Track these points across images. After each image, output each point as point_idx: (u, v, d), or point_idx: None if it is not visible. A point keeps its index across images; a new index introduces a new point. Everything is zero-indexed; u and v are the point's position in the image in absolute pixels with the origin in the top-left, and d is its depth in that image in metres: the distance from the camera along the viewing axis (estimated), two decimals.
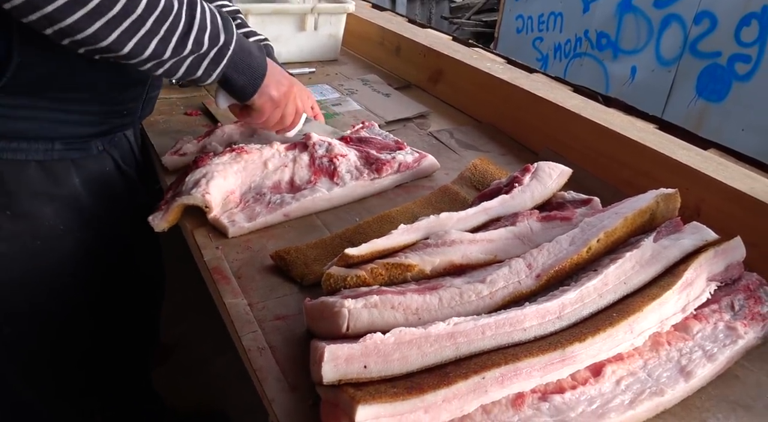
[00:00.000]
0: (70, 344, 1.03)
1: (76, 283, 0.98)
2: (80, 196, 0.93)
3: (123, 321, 1.12)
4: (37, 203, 0.89)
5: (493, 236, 0.78)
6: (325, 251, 0.83)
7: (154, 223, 0.89)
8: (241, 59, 0.87)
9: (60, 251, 0.94)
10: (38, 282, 0.93)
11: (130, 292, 1.10)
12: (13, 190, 0.86)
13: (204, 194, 0.88)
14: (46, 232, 0.91)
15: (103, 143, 0.96)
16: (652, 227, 0.81)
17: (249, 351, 0.67)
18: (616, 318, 0.64)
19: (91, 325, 1.04)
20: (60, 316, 0.99)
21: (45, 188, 0.89)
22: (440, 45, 1.52)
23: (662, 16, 3.81)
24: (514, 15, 5.05)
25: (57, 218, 0.91)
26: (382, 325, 0.63)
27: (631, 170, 1.03)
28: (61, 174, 0.90)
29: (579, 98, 1.22)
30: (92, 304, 1.02)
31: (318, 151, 1.02)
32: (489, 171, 1.02)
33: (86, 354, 1.06)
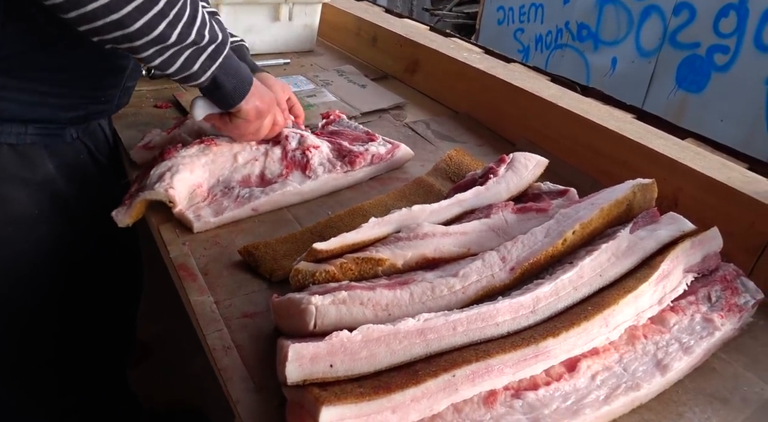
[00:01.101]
0: (40, 338, 1.00)
1: (49, 272, 0.96)
2: (55, 181, 0.91)
3: (97, 317, 1.09)
4: (11, 187, 0.87)
5: (467, 229, 0.76)
6: (295, 245, 0.80)
7: (118, 218, 0.86)
8: (231, 63, 0.85)
9: (33, 238, 0.91)
10: (9, 269, 0.91)
11: (105, 286, 1.07)
12: None
13: (167, 188, 0.85)
14: (19, 217, 0.89)
15: (77, 131, 0.94)
16: (629, 217, 0.80)
17: (214, 351, 0.65)
18: (591, 311, 0.62)
19: (63, 319, 1.01)
20: (29, 307, 0.96)
21: (18, 171, 0.87)
22: (417, 35, 1.50)
23: (642, 7, 3.82)
24: (495, 6, 5.03)
25: (31, 202, 0.89)
26: (350, 322, 0.60)
27: (608, 160, 1.02)
28: (35, 159, 0.88)
29: (556, 88, 1.20)
30: (65, 296, 0.99)
31: (291, 143, 0.99)
32: (464, 162, 1.00)
33: (58, 350, 1.03)
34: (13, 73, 0.80)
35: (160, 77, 1.42)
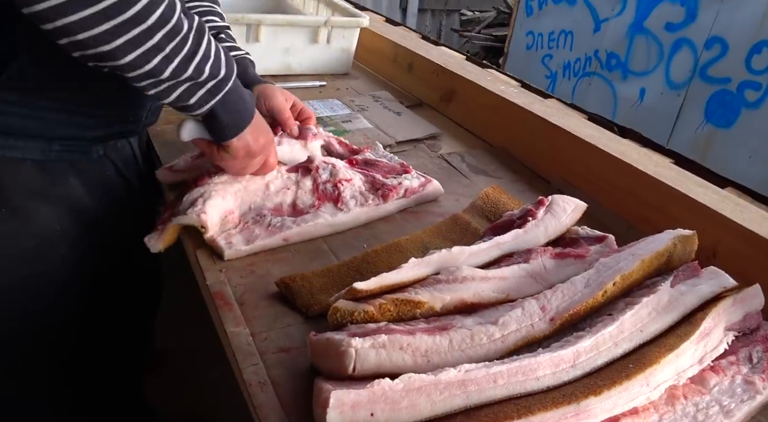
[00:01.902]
0: (61, 352, 1.01)
1: (71, 288, 0.96)
2: (79, 197, 0.92)
3: (118, 330, 1.09)
4: (34, 203, 0.87)
5: (506, 274, 0.75)
6: (331, 280, 0.80)
7: (150, 244, 0.87)
8: (233, 99, 0.84)
9: (56, 254, 0.92)
10: (32, 286, 0.91)
11: (125, 300, 1.08)
12: (8, 187, 0.84)
13: (200, 214, 0.85)
14: (42, 233, 0.89)
15: (104, 149, 0.95)
16: (668, 269, 0.79)
17: (250, 386, 0.65)
18: (633, 369, 0.62)
19: (84, 334, 1.01)
20: (51, 322, 0.96)
21: (42, 187, 0.87)
22: (454, 64, 1.50)
23: (673, 39, 3.81)
24: (525, 31, 5.04)
25: (54, 218, 0.90)
26: (389, 367, 0.60)
27: (645, 205, 1.01)
28: (58, 175, 0.89)
29: (593, 127, 1.20)
30: (86, 310, 1.00)
31: (322, 175, 0.99)
32: (501, 201, 1.00)
33: (78, 364, 1.03)
34: (40, 92, 0.81)
35: None
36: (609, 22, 4.22)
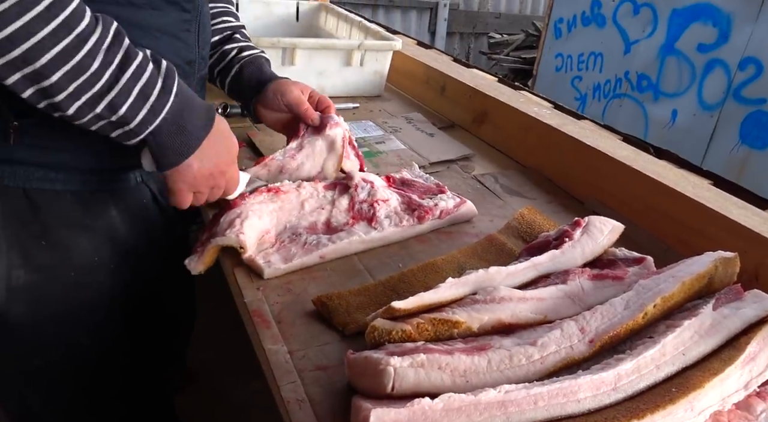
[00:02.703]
0: (101, 377, 1.02)
1: (110, 317, 0.97)
2: (117, 228, 0.93)
3: (153, 354, 1.10)
4: (73, 234, 0.88)
5: (544, 295, 0.75)
6: (368, 298, 0.81)
7: (191, 266, 0.88)
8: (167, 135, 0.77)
9: (94, 284, 0.93)
10: (71, 315, 0.92)
11: (161, 325, 1.09)
12: (48, 220, 0.85)
13: (238, 234, 0.87)
14: (81, 263, 0.90)
15: (141, 175, 0.96)
16: (709, 292, 0.78)
17: (288, 403, 0.65)
18: (676, 393, 0.60)
19: (122, 358, 1.02)
20: (92, 349, 0.97)
21: (81, 219, 0.88)
22: (486, 86, 1.51)
23: (706, 60, 3.77)
24: (554, 53, 5.04)
25: (92, 249, 0.90)
26: (428, 386, 0.60)
27: (683, 228, 0.99)
28: (97, 205, 0.90)
29: (628, 148, 1.19)
30: (124, 337, 1.01)
31: (360, 194, 1.00)
32: (536, 222, 0.99)
33: (115, 387, 1.04)
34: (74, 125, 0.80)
35: (233, 116, 1.47)
36: (639, 43, 4.20)
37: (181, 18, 0.88)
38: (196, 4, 0.90)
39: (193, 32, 0.92)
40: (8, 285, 0.85)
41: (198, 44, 0.94)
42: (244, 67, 1.14)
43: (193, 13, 0.90)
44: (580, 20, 4.75)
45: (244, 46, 1.16)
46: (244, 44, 1.16)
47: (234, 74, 1.15)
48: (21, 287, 0.86)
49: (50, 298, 0.90)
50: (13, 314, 0.87)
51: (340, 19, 1.94)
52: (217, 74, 1.18)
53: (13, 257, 0.84)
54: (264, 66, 1.15)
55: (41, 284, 0.88)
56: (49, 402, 0.99)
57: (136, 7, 0.81)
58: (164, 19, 0.85)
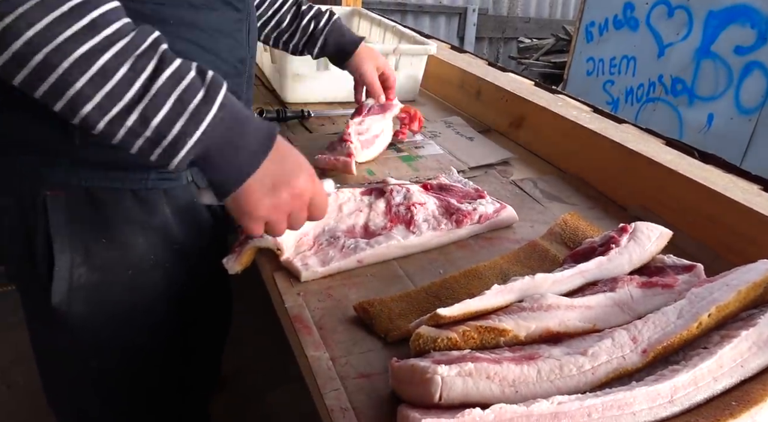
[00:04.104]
0: (155, 381, 1.02)
1: (163, 318, 0.97)
2: (170, 226, 0.93)
3: (196, 357, 1.10)
4: (132, 232, 0.89)
5: (592, 303, 0.73)
6: (410, 305, 0.79)
7: (228, 266, 0.88)
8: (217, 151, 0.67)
9: (150, 284, 0.93)
10: (128, 316, 0.93)
11: (205, 327, 1.09)
12: (109, 218, 0.86)
13: None
14: (138, 262, 0.91)
15: (192, 173, 0.96)
16: (764, 301, 0.75)
17: (332, 412, 0.64)
18: (737, 407, 0.58)
19: (168, 361, 1.03)
20: (147, 352, 0.97)
21: (139, 217, 0.89)
22: (523, 90, 1.49)
23: (744, 63, 3.68)
24: (585, 57, 4.98)
25: (149, 248, 0.91)
26: (476, 396, 0.59)
27: (732, 234, 0.96)
28: (153, 204, 0.90)
29: (673, 153, 1.16)
30: (173, 340, 1.01)
31: (395, 198, 1.00)
32: (580, 228, 0.97)
33: (159, 390, 1.04)
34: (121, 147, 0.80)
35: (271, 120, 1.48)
36: (674, 46, 4.13)
37: (235, 17, 0.90)
38: (246, 3, 0.92)
39: (244, 31, 0.93)
40: (71, 285, 0.86)
41: (248, 43, 0.96)
42: (327, 37, 1.28)
43: (244, 12, 0.92)
44: (612, 24, 4.68)
45: (316, 16, 1.28)
46: (313, 14, 1.28)
47: (320, 47, 1.29)
48: (82, 287, 0.87)
49: (109, 298, 0.90)
50: (73, 315, 0.88)
51: (373, 23, 1.94)
52: (301, 50, 1.31)
53: (76, 255, 0.85)
54: (344, 29, 1.29)
55: (101, 284, 0.88)
56: (106, 405, 1.00)
57: (195, 8, 0.82)
58: (220, 18, 0.87)
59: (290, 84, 1.56)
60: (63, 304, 0.86)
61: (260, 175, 0.69)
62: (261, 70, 1.89)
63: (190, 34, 0.81)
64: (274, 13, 1.26)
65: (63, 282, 0.85)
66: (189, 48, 0.82)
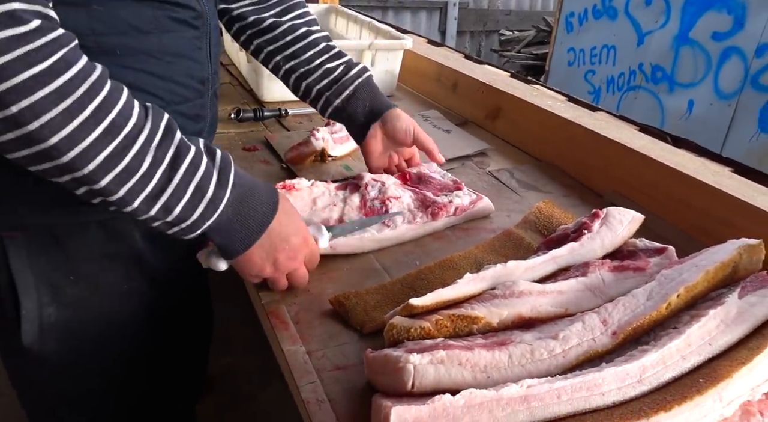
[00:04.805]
0: (128, 398, 1.01)
1: (140, 339, 0.96)
2: (142, 253, 0.90)
3: (176, 369, 1.09)
4: (101, 266, 0.86)
5: (563, 288, 0.74)
6: (385, 297, 0.80)
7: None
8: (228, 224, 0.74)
9: (126, 312, 0.91)
10: (105, 343, 0.91)
11: (184, 341, 1.08)
12: (74, 254, 0.83)
13: None
14: (111, 294, 0.88)
15: None
16: (733, 280, 0.76)
17: (308, 403, 0.65)
18: (704, 384, 0.59)
19: (148, 377, 1.01)
20: (126, 374, 0.96)
21: (107, 248, 0.86)
22: (499, 82, 1.50)
23: (721, 49, 3.71)
24: (566, 48, 5.00)
25: (121, 278, 0.89)
26: (448, 383, 0.59)
27: (705, 217, 0.98)
28: (123, 232, 0.87)
29: (646, 138, 1.17)
30: (151, 358, 0.99)
31: (370, 192, 1.00)
32: (554, 215, 0.98)
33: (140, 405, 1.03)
34: None
35: (246, 120, 1.48)
36: (653, 34, 4.16)
37: (191, 36, 0.84)
38: (205, 20, 0.85)
39: (204, 49, 0.87)
40: (41, 324, 0.84)
41: (210, 61, 0.90)
42: (358, 89, 1.08)
43: (203, 30, 0.86)
44: (592, 13, 4.71)
45: (347, 63, 1.08)
46: (345, 59, 1.08)
47: (345, 97, 1.08)
48: (54, 325, 0.84)
49: (84, 331, 0.88)
50: (48, 351, 0.86)
51: (349, 20, 1.94)
52: (317, 93, 1.09)
53: (43, 294, 0.83)
54: (376, 88, 1.09)
55: (74, 319, 0.86)
56: None
57: (143, 34, 0.76)
58: (174, 40, 0.81)
59: (267, 83, 1.56)
60: (35, 344, 0.84)
61: (265, 240, 0.76)
62: (237, 70, 1.88)
63: (141, 63, 0.76)
64: (292, 42, 1.07)
65: (32, 323, 0.83)
66: (140, 78, 0.77)
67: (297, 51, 1.06)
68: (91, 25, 0.71)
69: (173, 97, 0.83)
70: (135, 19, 0.74)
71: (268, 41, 1.07)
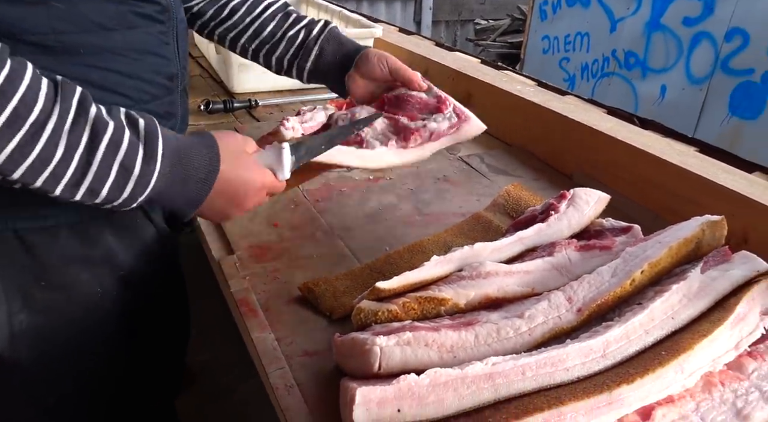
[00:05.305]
0: (104, 396, 0.99)
1: (115, 340, 0.94)
2: (115, 254, 0.88)
3: (153, 366, 1.08)
4: (73, 270, 0.84)
5: (530, 268, 0.74)
6: (354, 282, 0.80)
7: None
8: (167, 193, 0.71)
9: (100, 314, 0.89)
10: (79, 348, 0.89)
11: (160, 339, 1.07)
12: (46, 260, 0.81)
13: None
14: (84, 298, 0.87)
15: None
16: (697, 256, 0.77)
17: (276, 389, 0.65)
18: (666, 357, 0.60)
19: (125, 375, 1.00)
20: (101, 378, 0.95)
21: (79, 252, 0.84)
22: (469, 68, 1.50)
23: (692, 34, 3.75)
24: (540, 36, 5.02)
25: (94, 281, 0.87)
26: (415, 364, 0.60)
27: (671, 196, 0.99)
28: (94, 234, 0.85)
29: (614, 121, 1.18)
30: (127, 357, 0.98)
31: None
32: (523, 198, 0.99)
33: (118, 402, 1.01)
34: None
35: (217, 112, 1.46)
36: (625, 21, 4.19)
37: (157, 31, 0.81)
38: (170, 14, 0.83)
39: (171, 44, 0.85)
40: (11, 331, 0.82)
41: (178, 56, 0.88)
42: (324, 46, 1.04)
43: (169, 24, 0.83)
44: (565, 1, 4.73)
45: (308, 25, 1.06)
46: (305, 23, 1.06)
47: (314, 57, 1.05)
48: (24, 332, 0.83)
49: (56, 336, 0.86)
50: (20, 358, 0.84)
51: (320, 10, 1.93)
52: (288, 64, 1.07)
53: (13, 302, 0.81)
54: (342, 38, 1.05)
55: (46, 325, 0.84)
56: None
57: (107, 30, 0.73)
58: (140, 36, 0.79)
59: (236, 74, 1.55)
60: (6, 351, 0.82)
61: (214, 195, 0.73)
62: (207, 62, 1.86)
63: (106, 61, 0.74)
64: (251, 22, 1.06)
65: (2, 331, 0.81)
66: (106, 77, 0.75)
67: (257, 29, 1.05)
68: (52, 24, 0.68)
69: (141, 95, 0.81)
70: (98, 16, 0.72)
71: (228, 29, 1.05)
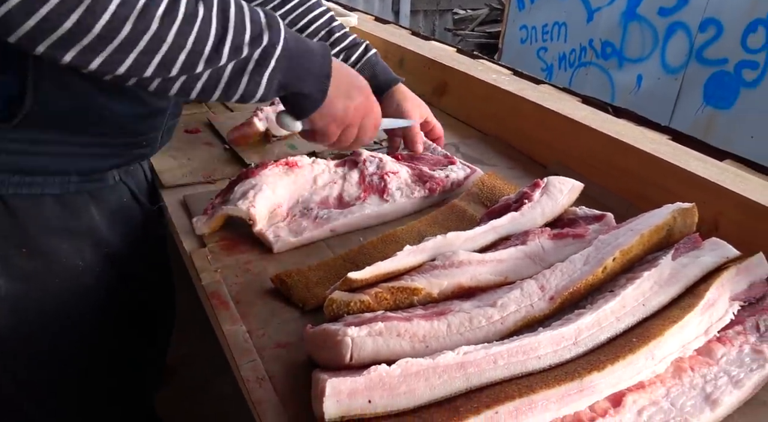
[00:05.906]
0: (91, 384, 0.98)
1: (97, 319, 0.94)
2: (98, 229, 0.89)
3: (136, 352, 1.07)
4: (55, 240, 0.84)
5: (503, 256, 0.74)
6: (327, 273, 0.79)
7: (197, 226, 0.88)
8: (296, 63, 0.75)
9: (80, 289, 0.89)
10: (60, 323, 0.89)
11: (143, 327, 1.06)
12: (29, 227, 0.81)
13: (250, 207, 0.86)
14: (65, 269, 0.86)
15: (119, 173, 0.92)
16: (669, 243, 0.78)
17: (247, 382, 0.64)
18: (636, 343, 0.60)
19: (110, 363, 0.99)
20: (81, 356, 0.94)
21: (62, 222, 0.85)
22: (445, 57, 1.50)
23: (667, 24, 3.79)
24: (518, 25, 5.03)
25: (76, 254, 0.87)
26: (387, 354, 0.59)
27: (644, 183, 0.99)
28: (78, 207, 0.86)
29: (588, 109, 1.19)
30: (110, 338, 0.97)
31: (369, 168, 1.00)
32: (497, 187, 0.98)
33: (105, 392, 1.01)
34: (52, 129, 0.78)
35: (190, 102, 1.44)
36: (602, 10, 4.21)
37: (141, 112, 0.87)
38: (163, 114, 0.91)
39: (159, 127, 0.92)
40: None
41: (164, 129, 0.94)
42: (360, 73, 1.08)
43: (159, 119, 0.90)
44: None
45: (348, 48, 1.11)
46: (345, 44, 1.11)
47: None
48: (4, 299, 0.82)
49: (36, 307, 0.86)
50: None
51: None
52: None
53: None
54: (377, 68, 1.11)
55: (26, 294, 0.84)
56: (42, 408, 0.95)
57: None
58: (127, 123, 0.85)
59: None
60: None
61: (335, 81, 0.79)
62: None
63: None
64: None
65: None
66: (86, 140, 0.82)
67: None
68: None
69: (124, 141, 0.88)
70: None
71: None
